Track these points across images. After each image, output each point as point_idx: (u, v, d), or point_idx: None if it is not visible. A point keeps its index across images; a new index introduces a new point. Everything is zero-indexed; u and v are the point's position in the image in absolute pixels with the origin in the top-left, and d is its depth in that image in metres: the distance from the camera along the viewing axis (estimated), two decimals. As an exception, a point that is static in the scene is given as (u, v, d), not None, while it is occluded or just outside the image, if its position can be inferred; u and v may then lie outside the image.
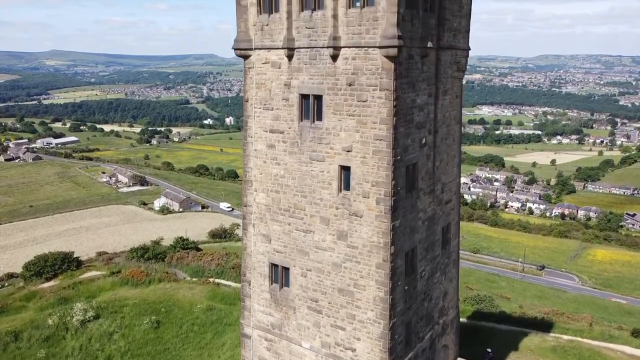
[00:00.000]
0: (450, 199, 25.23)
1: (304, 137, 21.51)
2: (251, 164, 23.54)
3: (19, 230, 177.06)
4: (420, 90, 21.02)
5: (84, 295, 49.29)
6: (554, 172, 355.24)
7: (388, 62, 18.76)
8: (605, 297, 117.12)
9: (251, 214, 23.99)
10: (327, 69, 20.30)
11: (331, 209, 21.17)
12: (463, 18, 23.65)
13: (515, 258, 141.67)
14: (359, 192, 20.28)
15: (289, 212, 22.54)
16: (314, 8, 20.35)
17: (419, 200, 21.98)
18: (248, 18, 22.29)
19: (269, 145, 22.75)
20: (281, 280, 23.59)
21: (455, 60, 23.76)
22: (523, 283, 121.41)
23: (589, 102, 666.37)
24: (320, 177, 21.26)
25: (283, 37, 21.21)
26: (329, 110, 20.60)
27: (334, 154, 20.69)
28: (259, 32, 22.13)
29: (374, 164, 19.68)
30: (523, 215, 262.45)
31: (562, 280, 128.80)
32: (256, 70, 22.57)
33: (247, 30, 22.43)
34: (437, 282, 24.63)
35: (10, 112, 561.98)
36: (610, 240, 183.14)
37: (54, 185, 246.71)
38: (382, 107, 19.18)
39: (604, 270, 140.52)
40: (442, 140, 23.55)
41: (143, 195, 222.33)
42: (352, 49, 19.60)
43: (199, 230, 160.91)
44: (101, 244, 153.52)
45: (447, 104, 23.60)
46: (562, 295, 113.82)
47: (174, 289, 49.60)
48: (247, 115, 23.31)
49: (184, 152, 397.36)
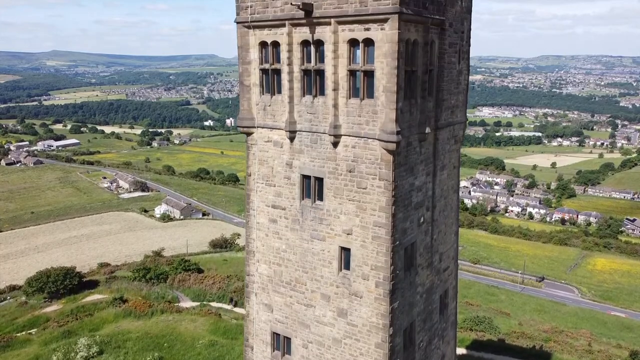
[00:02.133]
0: (448, 266, 25.83)
1: (305, 216, 22.09)
2: (254, 236, 24.13)
3: (20, 238, 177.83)
4: (419, 172, 21.60)
5: (88, 327, 49.89)
6: (554, 175, 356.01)
7: (387, 154, 19.31)
8: (605, 310, 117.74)
9: (254, 283, 24.59)
10: (327, 153, 20.87)
11: (332, 286, 21.75)
12: (460, 94, 24.20)
13: (515, 269, 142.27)
14: (358, 274, 20.86)
15: (291, 286, 23.13)
16: (315, 94, 20.92)
17: (417, 276, 22.56)
18: (251, 97, 22.84)
19: (271, 219, 23.34)
20: (283, 348, 24.19)
21: (453, 134, 24.34)
22: (523, 296, 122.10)
23: (589, 104, 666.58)
24: (321, 255, 21.84)
25: (285, 119, 21.77)
26: (329, 193, 21.17)
27: (335, 235, 21.27)
28: (261, 111, 22.70)
29: (373, 249, 20.25)
30: (523, 220, 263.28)
31: (562, 292, 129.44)
32: (259, 147, 23.14)
33: (250, 109, 22.99)
34: (435, 348, 25.23)
35: (11, 114, 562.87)
36: (610, 247, 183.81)
37: (55, 190, 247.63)
38: (381, 196, 19.74)
39: (603, 281, 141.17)
40: (440, 212, 24.14)
41: (144, 201, 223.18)
42: (352, 138, 20.17)
43: (199, 239, 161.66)
44: (102, 253, 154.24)
45: (445, 177, 24.18)
46: (562, 309, 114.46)
47: (176, 320, 50.20)
48: (250, 189, 23.88)
49: (185, 155, 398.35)
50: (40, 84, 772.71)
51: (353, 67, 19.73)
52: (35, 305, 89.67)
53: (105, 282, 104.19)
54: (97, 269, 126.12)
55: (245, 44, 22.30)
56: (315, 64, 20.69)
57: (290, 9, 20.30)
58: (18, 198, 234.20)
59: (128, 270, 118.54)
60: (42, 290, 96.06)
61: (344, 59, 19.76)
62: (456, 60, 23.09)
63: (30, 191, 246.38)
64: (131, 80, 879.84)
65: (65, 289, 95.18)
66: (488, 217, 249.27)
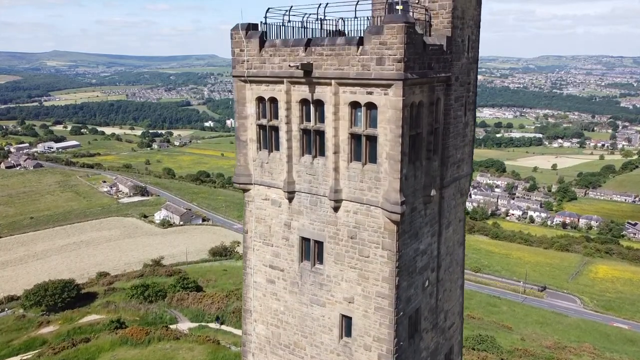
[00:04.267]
0: (453, 322, 24.84)
1: (304, 280, 21.10)
2: (250, 295, 23.14)
3: (19, 244, 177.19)
4: (424, 235, 20.60)
5: (84, 356, 48.92)
6: (555, 177, 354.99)
7: (390, 224, 18.32)
8: (607, 321, 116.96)
9: (251, 343, 23.59)
10: (328, 217, 19.87)
11: (332, 354, 20.76)
12: (466, 146, 23.19)
13: (516, 278, 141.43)
14: (360, 344, 19.87)
15: (289, 349, 22.14)
16: (315, 155, 19.92)
17: (421, 341, 21.57)
18: (247, 153, 21.83)
19: (268, 280, 22.34)
20: (281, 411, 23.20)
21: (459, 189, 23.34)
22: (524, 307, 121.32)
23: (590, 104, 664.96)
24: (321, 321, 20.85)
25: (283, 178, 20.75)
26: (330, 258, 20.17)
27: (335, 301, 20.28)
28: (258, 168, 21.68)
29: (375, 320, 19.26)
30: (524, 224, 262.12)
31: (564, 302, 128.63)
32: (256, 204, 22.13)
33: (246, 165, 21.97)
34: (440, 409, 24.24)
35: (12, 114, 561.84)
36: (612, 253, 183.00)
37: (55, 195, 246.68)
38: (384, 266, 18.74)
39: (605, 290, 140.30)
40: (446, 270, 23.15)
41: (144, 206, 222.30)
42: (353, 203, 19.17)
43: (199, 246, 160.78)
44: (102, 261, 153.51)
45: (451, 233, 23.18)
46: (564, 321, 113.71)
47: (173, 349, 49.27)
48: (247, 247, 22.88)
49: (185, 157, 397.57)
50: (40, 84, 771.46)
51: (355, 130, 18.71)
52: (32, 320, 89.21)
53: (104, 294, 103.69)
54: (95, 279, 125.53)
55: (241, 98, 21.29)
56: (315, 123, 19.68)
57: (288, 66, 19.31)
58: (17, 202, 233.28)
59: (127, 281, 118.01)
60: (40, 304, 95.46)
61: (345, 122, 18.75)
62: (462, 113, 22.09)
63: (30, 195, 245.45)
64: (131, 80, 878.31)
65: (64, 302, 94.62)
66: (489, 221, 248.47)
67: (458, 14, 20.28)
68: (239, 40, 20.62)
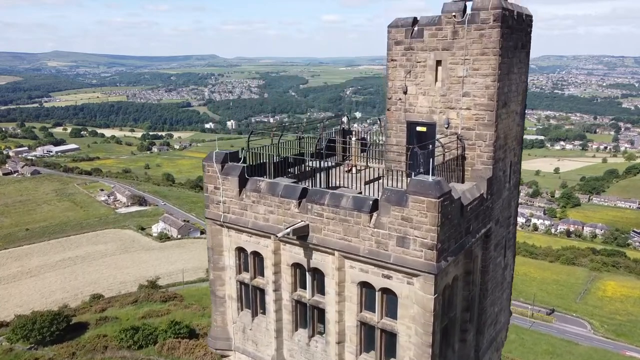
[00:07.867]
0: None
1: None
2: None
3: (13, 258, 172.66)
4: None
5: None
6: (558, 181, 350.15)
7: None
8: (619, 349, 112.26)
9: None
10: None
11: None
12: (505, 291, 18.40)
13: (523, 299, 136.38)
14: None
15: None
16: (312, 334, 15.12)
17: None
18: (226, 312, 17.05)
19: None
20: None
21: (496, 345, 18.55)
22: (533, 333, 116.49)
23: (591, 105, 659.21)
24: None
25: (271, 355, 15.96)
26: None
27: None
28: (240, 332, 16.90)
29: None
30: (527, 232, 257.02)
31: (573, 327, 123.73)
32: (238, 376, 17.36)
33: (224, 326, 17.20)
34: None
35: (12, 116, 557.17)
36: (619, 267, 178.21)
37: (52, 204, 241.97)
38: None
39: (615, 312, 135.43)
40: None
41: (142, 217, 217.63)
42: (364, 406, 14.38)
43: (196, 263, 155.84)
44: (96, 279, 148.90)
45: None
46: (574, 350, 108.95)
47: None
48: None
49: (185, 161, 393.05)
50: (41, 85, 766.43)
51: (366, 317, 13.90)
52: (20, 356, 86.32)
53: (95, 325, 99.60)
54: (89, 302, 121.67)
55: (217, 246, 16.50)
56: (312, 295, 14.88)
57: (276, 220, 14.53)
58: (14, 212, 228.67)
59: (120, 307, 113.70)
60: (28, 338, 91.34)
61: (352, 304, 13.95)
62: (502, 257, 17.30)
63: (27, 204, 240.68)
64: (132, 81, 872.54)
65: (52, 336, 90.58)
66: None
67: (501, 143, 15.47)
68: (213, 175, 15.82)
